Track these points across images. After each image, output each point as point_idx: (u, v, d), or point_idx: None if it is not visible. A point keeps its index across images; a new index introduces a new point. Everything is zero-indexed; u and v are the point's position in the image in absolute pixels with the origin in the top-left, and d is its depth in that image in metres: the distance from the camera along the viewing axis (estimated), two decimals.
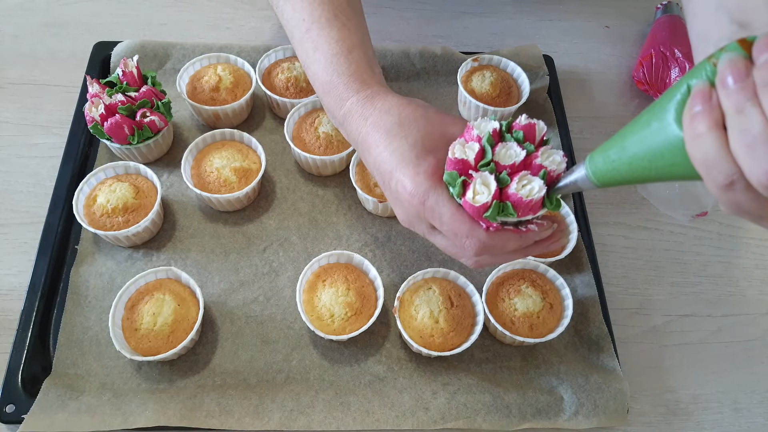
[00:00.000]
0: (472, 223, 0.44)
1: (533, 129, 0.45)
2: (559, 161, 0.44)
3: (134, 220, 0.64)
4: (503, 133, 0.46)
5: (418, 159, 0.46)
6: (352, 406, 0.58)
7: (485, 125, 0.45)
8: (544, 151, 0.44)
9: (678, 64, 0.80)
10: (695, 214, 0.75)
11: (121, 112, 0.66)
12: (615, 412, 0.59)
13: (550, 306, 0.62)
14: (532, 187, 0.43)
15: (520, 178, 0.43)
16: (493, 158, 0.44)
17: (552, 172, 0.44)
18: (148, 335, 0.58)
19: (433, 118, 0.49)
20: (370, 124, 0.50)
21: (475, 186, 0.43)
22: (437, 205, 0.45)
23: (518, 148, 0.44)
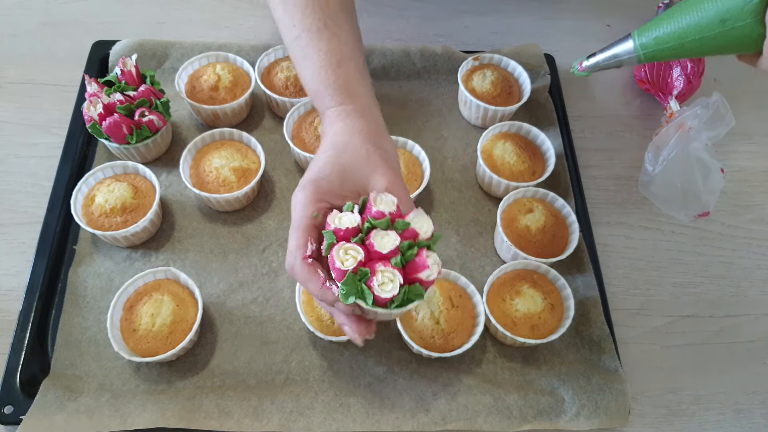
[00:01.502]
0: (299, 244, 0.48)
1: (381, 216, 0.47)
2: (426, 230, 0.47)
3: (133, 220, 0.64)
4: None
5: (324, 177, 0.51)
6: (352, 408, 0.57)
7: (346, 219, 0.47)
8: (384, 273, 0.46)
9: (680, 63, 0.79)
10: (697, 214, 0.75)
11: (119, 111, 0.66)
12: (616, 413, 0.58)
13: (552, 307, 0.62)
14: (392, 287, 0.45)
15: (381, 275, 0.45)
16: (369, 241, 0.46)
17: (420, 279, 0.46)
18: (146, 336, 0.58)
19: (369, 161, 0.52)
20: (330, 134, 0.55)
21: (339, 253, 0.46)
22: (294, 212, 0.50)
23: (394, 241, 0.46)
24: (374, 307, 0.46)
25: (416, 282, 0.47)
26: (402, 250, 0.47)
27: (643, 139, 0.79)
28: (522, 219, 0.67)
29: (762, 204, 0.77)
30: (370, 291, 0.45)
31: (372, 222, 0.47)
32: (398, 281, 0.45)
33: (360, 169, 0.52)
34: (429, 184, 0.73)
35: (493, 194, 0.73)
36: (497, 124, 0.75)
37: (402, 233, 0.47)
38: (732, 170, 0.79)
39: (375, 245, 0.46)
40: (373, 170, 0.52)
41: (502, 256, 0.69)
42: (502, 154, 0.72)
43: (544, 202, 0.70)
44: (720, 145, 0.72)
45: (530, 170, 0.72)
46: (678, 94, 0.79)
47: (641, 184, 0.76)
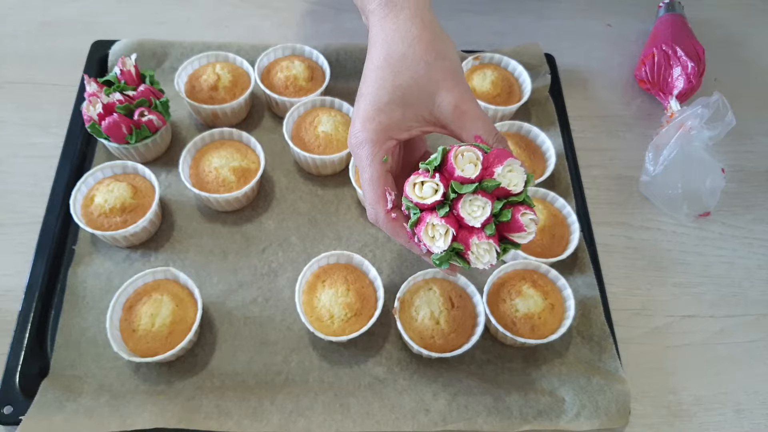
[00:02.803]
0: (378, 197, 0.45)
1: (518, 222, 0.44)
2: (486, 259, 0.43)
3: (132, 220, 0.64)
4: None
5: (383, 108, 0.45)
6: (352, 408, 0.57)
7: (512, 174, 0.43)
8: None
9: (680, 62, 0.79)
10: (698, 214, 0.75)
11: (118, 111, 0.66)
12: (617, 414, 0.58)
13: (552, 307, 0.62)
14: (489, 257, 0.43)
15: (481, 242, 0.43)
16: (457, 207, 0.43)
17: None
18: (146, 336, 0.57)
19: (431, 77, 0.45)
20: (380, 42, 0.47)
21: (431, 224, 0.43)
22: (362, 160, 0.45)
23: (483, 208, 0.43)
24: (468, 266, 0.44)
25: (512, 241, 0.44)
26: (494, 212, 0.42)
27: (644, 139, 0.79)
28: None
29: (763, 204, 0.77)
30: (466, 261, 0.43)
31: (457, 190, 0.42)
32: (494, 251, 0.42)
33: (422, 90, 0.44)
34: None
35: None
36: (497, 123, 0.75)
37: (492, 193, 0.42)
38: (732, 170, 0.79)
39: (464, 218, 0.42)
40: (438, 87, 0.45)
41: None
42: None
43: (544, 201, 0.69)
44: (720, 144, 0.71)
45: (530, 170, 0.72)
46: (678, 94, 0.79)
47: (642, 184, 0.76)
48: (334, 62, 0.79)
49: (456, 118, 0.45)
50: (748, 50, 0.92)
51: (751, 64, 0.91)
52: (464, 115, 0.45)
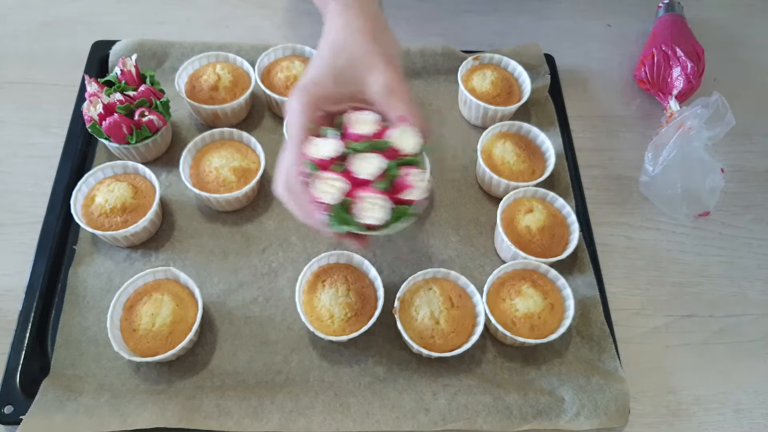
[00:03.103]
0: (296, 158, 0.47)
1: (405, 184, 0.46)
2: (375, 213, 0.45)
3: (132, 220, 0.64)
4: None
5: (317, 82, 0.49)
6: (352, 408, 0.57)
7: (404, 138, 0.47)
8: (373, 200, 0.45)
9: (680, 63, 0.79)
10: (697, 214, 0.75)
11: (119, 111, 0.66)
12: (616, 413, 0.59)
13: (551, 306, 0.62)
14: (377, 213, 0.45)
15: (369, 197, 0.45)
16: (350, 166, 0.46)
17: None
18: (146, 336, 0.58)
19: (366, 60, 0.49)
20: (327, 33, 0.52)
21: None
22: (291, 126, 0.49)
23: (373, 163, 0.46)
24: (365, 231, 0.46)
25: (404, 203, 0.46)
26: (390, 171, 0.45)
27: (643, 139, 0.79)
28: (522, 219, 0.67)
29: (762, 204, 0.77)
30: (355, 219, 0.45)
31: (351, 146, 0.45)
32: (385, 207, 0.44)
33: (356, 70, 0.48)
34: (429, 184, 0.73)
35: (493, 194, 0.73)
36: (497, 123, 0.75)
37: (385, 152, 0.45)
38: (732, 170, 0.79)
39: (355, 172, 0.44)
40: (370, 69, 0.48)
41: (502, 256, 0.69)
42: (502, 153, 0.72)
43: (544, 201, 0.70)
44: (720, 144, 0.72)
45: (530, 170, 0.72)
46: (678, 94, 0.79)
47: (641, 184, 0.76)
48: None
49: (384, 97, 0.49)
50: (747, 50, 0.92)
51: (751, 65, 0.91)
52: (392, 94, 0.48)
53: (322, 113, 0.48)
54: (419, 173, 0.46)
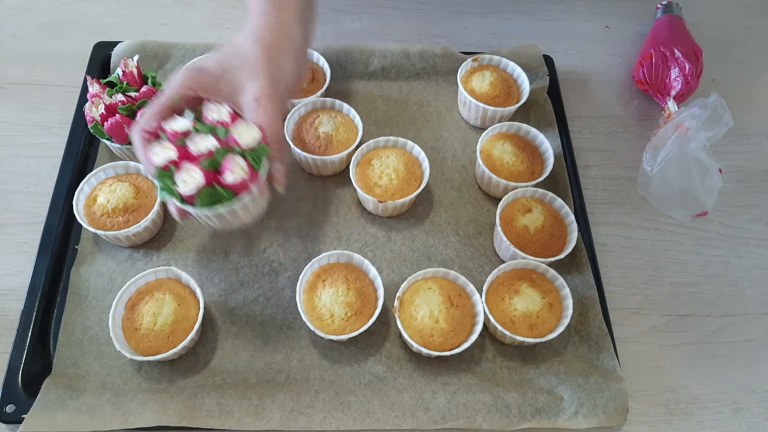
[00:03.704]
0: (152, 114, 0.52)
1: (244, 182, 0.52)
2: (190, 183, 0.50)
3: (134, 220, 0.64)
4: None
5: (203, 70, 0.54)
6: (352, 406, 0.58)
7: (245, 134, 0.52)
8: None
9: (678, 64, 0.80)
10: (695, 214, 0.75)
11: (121, 112, 0.67)
12: (615, 412, 0.59)
13: (550, 306, 0.62)
14: (192, 184, 0.50)
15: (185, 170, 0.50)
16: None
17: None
18: (148, 335, 0.58)
19: (249, 69, 0.54)
20: (238, 35, 0.56)
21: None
22: (165, 90, 0.54)
23: (204, 142, 0.51)
24: (183, 205, 0.51)
25: (225, 186, 0.51)
26: (217, 154, 0.50)
27: (642, 140, 0.79)
28: (521, 219, 0.67)
29: (760, 204, 0.78)
30: (175, 188, 0.50)
31: (196, 127, 0.50)
32: (199, 179, 0.49)
33: (240, 74, 0.52)
34: (428, 185, 0.73)
35: (492, 194, 0.73)
36: (496, 124, 0.75)
37: (224, 140, 0.50)
38: (730, 170, 0.79)
39: (189, 145, 0.49)
40: (251, 79, 0.52)
41: (501, 256, 0.69)
42: (501, 154, 0.73)
43: (542, 202, 0.70)
44: (718, 145, 0.72)
45: (529, 170, 0.72)
46: (676, 95, 0.79)
47: (639, 185, 0.76)
48: (335, 64, 0.80)
49: (251, 107, 0.53)
50: (745, 52, 0.93)
51: (749, 66, 0.91)
52: (259, 106, 0.53)
53: (194, 94, 0.53)
54: (240, 161, 0.51)
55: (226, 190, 0.51)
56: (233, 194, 0.51)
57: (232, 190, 0.51)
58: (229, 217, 0.54)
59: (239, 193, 0.51)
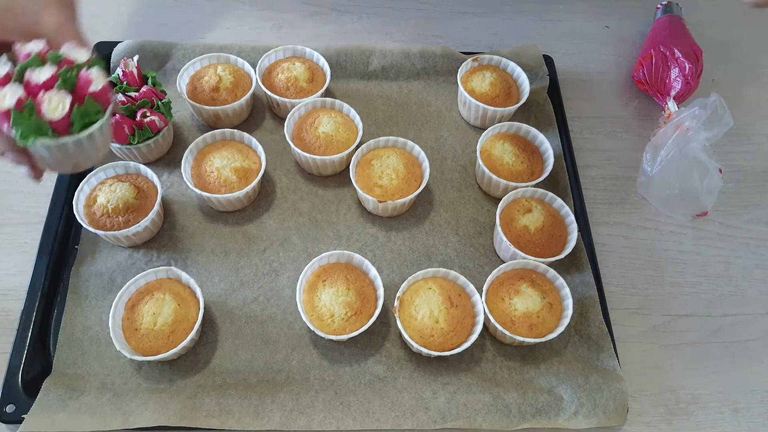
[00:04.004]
0: None
1: (88, 83, 0.49)
2: (59, 111, 0.47)
3: (134, 220, 0.64)
4: None
5: None
6: (352, 406, 0.58)
7: (72, 52, 0.50)
8: (55, 96, 0.48)
9: (678, 64, 0.80)
10: (695, 214, 0.75)
11: (121, 112, 0.67)
12: (615, 412, 0.59)
13: (550, 306, 0.62)
14: (6, 101, 0.47)
15: (9, 87, 0.47)
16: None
17: (40, 111, 0.47)
18: (148, 335, 0.58)
19: (26, 8, 0.52)
20: None
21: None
22: None
23: (46, 75, 0.47)
24: (60, 139, 0.47)
25: (90, 98, 0.49)
26: (62, 76, 0.48)
27: (642, 140, 0.79)
28: (521, 219, 0.67)
29: (760, 204, 0.78)
30: (46, 121, 0.47)
31: (21, 65, 0.48)
32: (67, 99, 0.47)
33: (26, 8, 0.51)
34: (429, 184, 0.73)
35: (492, 194, 0.73)
36: (496, 124, 0.75)
37: (59, 64, 0.48)
38: (730, 170, 0.79)
39: (31, 79, 0.47)
40: (43, 9, 0.51)
41: (501, 256, 0.69)
42: (501, 154, 0.73)
43: (542, 202, 0.70)
44: (718, 145, 0.72)
45: (529, 170, 0.72)
46: (676, 95, 0.79)
47: (639, 185, 0.76)
48: (335, 64, 0.80)
49: (58, 35, 0.52)
50: (745, 51, 0.93)
51: (749, 66, 0.91)
52: (65, 34, 0.52)
53: None
54: (96, 69, 0.49)
55: (95, 102, 0.49)
56: (102, 107, 0.50)
57: (100, 102, 0.49)
58: (91, 144, 0.51)
59: (106, 105, 0.50)
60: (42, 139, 0.47)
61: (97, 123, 0.49)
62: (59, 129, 0.47)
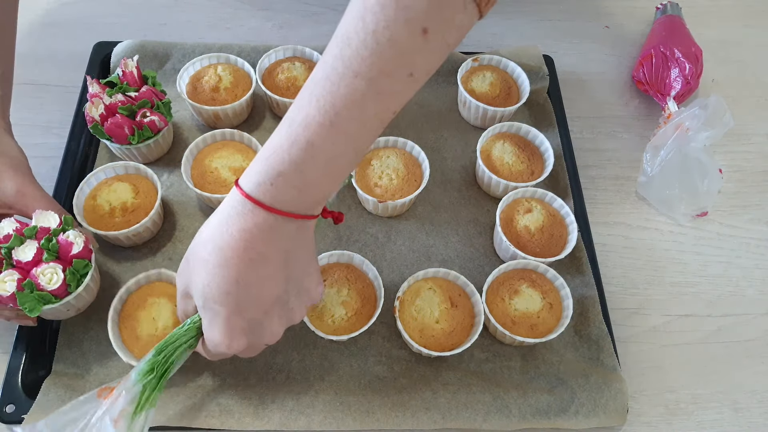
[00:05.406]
0: None
1: (70, 246, 0.56)
2: (55, 281, 0.54)
3: (134, 220, 0.64)
4: None
5: None
6: (353, 407, 0.58)
7: (42, 219, 0.56)
8: (48, 268, 0.54)
9: (678, 64, 0.80)
10: (695, 215, 0.75)
11: (121, 112, 0.67)
12: (615, 412, 0.59)
13: (550, 306, 0.62)
14: (6, 288, 0.53)
15: (5, 274, 0.53)
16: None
17: (40, 285, 0.53)
18: (151, 341, 0.57)
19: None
20: None
21: None
22: None
23: (32, 252, 0.54)
24: (62, 300, 0.55)
25: (77, 259, 0.55)
26: (45, 248, 0.54)
27: (642, 140, 0.79)
28: (521, 219, 0.67)
29: (760, 204, 0.78)
30: (47, 292, 0.53)
31: (6, 248, 0.53)
32: (58, 268, 0.54)
33: None
34: (428, 185, 0.73)
35: (492, 194, 0.73)
36: (496, 124, 0.75)
37: (36, 236, 0.54)
38: (730, 170, 0.80)
39: (21, 259, 0.53)
40: (1, 177, 0.55)
41: (501, 256, 0.69)
42: (501, 154, 0.73)
43: (542, 202, 0.70)
44: (718, 145, 0.72)
45: (529, 170, 0.72)
46: (676, 95, 0.79)
47: (639, 185, 0.76)
48: None
49: (19, 200, 0.56)
50: (745, 51, 0.93)
51: (749, 66, 0.91)
52: (25, 197, 0.56)
53: None
54: (72, 232, 0.55)
55: (81, 260, 0.56)
56: (88, 261, 0.56)
57: (85, 258, 0.56)
58: (87, 291, 0.58)
59: (90, 257, 0.57)
60: (49, 307, 0.54)
61: (88, 275, 0.56)
62: (59, 294, 0.54)
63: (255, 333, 0.48)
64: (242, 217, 0.44)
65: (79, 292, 0.56)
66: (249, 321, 0.47)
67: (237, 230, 0.44)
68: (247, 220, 0.44)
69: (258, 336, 0.48)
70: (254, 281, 0.45)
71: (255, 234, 0.44)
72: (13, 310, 0.55)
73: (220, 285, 0.45)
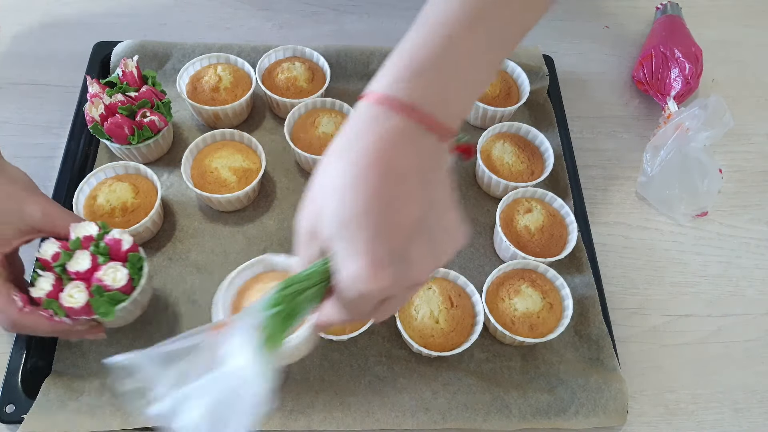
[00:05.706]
0: (4, 303, 0.52)
1: (119, 243, 0.56)
2: (120, 278, 0.54)
3: (134, 220, 0.64)
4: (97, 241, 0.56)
5: None
6: (352, 407, 0.58)
7: (81, 230, 0.56)
8: (108, 269, 0.54)
9: (678, 64, 0.80)
10: (695, 215, 0.75)
11: (121, 112, 0.67)
12: (615, 412, 0.59)
13: (550, 306, 0.62)
14: (77, 299, 0.53)
15: (70, 288, 0.53)
16: (66, 264, 0.54)
17: (108, 287, 0.54)
18: None
19: (11, 196, 0.55)
20: None
21: (39, 281, 0.54)
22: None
23: (86, 260, 0.54)
24: (131, 295, 0.55)
25: (130, 253, 0.56)
26: (97, 253, 0.55)
27: (642, 140, 0.79)
28: (521, 219, 0.67)
29: (760, 204, 0.78)
30: (116, 290, 0.54)
31: (58, 266, 0.54)
32: (118, 265, 0.55)
33: (8, 210, 0.54)
34: None
35: (492, 194, 0.73)
36: (496, 124, 0.75)
37: (82, 246, 0.55)
38: (730, 170, 0.80)
39: (79, 270, 0.53)
40: (22, 203, 0.54)
41: (501, 256, 0.69)
42: (501, 154, 0.73)
43: (542, 202, 0.70)
44: (718, 145, 0.72)
45: (529, 170, 0.72)
46: (676, 95, 0.79)
47: (639, 185, 0.76)
48: (335, 64, 0.80)
49: (47, 222, 0.56)
50: (745, 51, 0.93)
51: (749, 66, 0.91)
52: (52, 217, 0.56)
53: (1, 257, 0.54)
54: (118, 232, 0.56)
55: (135, 253, 0.56)
56: (139, 254, 0.57)
57: (136, 251, 0.56)
58: (148, 282, 0.58)
59: (137, 250, 0.57)
60: (118, 306, 0.54)
61: (145, 264, 0.57)
62: (127, 290, 0.55)
63: (400, 267, 0.39)
64: (376, 123, 0.38)
65: (143, 286, 0.56)
66: (392, 251, 0.39)
67: (371, 141, 0.38)
68: (382, 126, 0.38)
69: (404, 270, 0.39)
70: (395, 197, 0.38)
71: (391, 144, 0.38)
72: (85, 323, 0.55)
73: (357, 202, 0.38)
